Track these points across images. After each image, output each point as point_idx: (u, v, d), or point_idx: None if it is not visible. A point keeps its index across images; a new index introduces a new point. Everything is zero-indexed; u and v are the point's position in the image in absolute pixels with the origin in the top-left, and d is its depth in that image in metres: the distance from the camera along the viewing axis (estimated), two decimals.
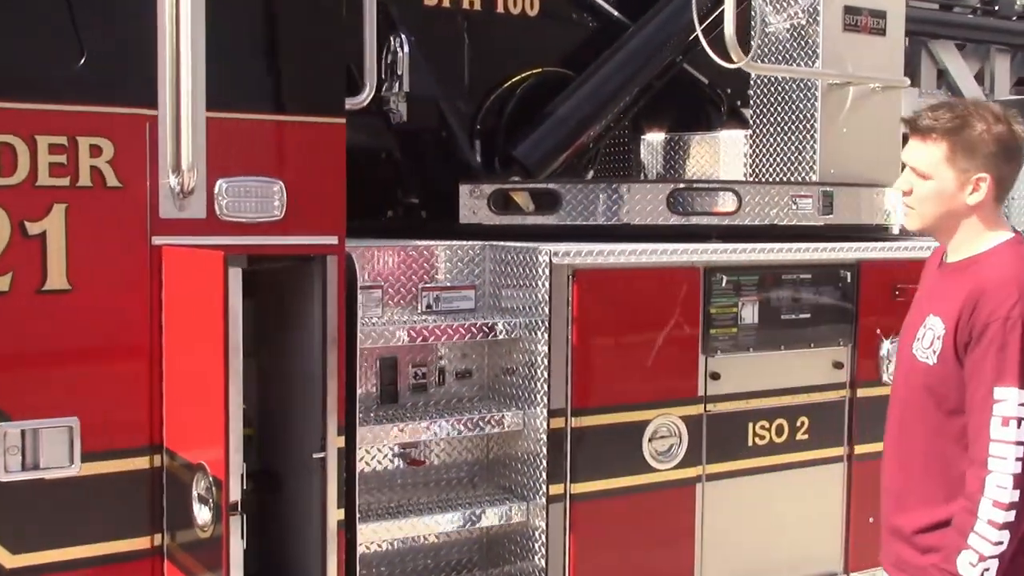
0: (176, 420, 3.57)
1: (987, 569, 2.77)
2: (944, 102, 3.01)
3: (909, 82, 5.44)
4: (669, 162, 5.99)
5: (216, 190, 3.67)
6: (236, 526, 3.28)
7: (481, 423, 4.41)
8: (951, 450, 2.92)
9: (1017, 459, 2.75)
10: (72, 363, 3.48)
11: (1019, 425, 2.75)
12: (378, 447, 4.47)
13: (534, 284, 4.37)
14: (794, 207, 5.05)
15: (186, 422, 3.52)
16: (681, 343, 4.61)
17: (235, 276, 3.27)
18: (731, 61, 4.74)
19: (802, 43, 5.29)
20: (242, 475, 3.33)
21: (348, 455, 4.05)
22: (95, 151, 3.46)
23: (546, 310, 4.31)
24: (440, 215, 5.11)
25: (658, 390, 4.56)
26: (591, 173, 5.71)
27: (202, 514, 3.39)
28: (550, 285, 4.30)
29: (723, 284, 4.70)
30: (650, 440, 4.54)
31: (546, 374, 4.33)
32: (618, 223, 4.85)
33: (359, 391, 4.39)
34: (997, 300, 2.81)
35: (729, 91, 6.12)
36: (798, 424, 4.96)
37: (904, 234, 5.76)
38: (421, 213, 5.58)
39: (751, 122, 5.62)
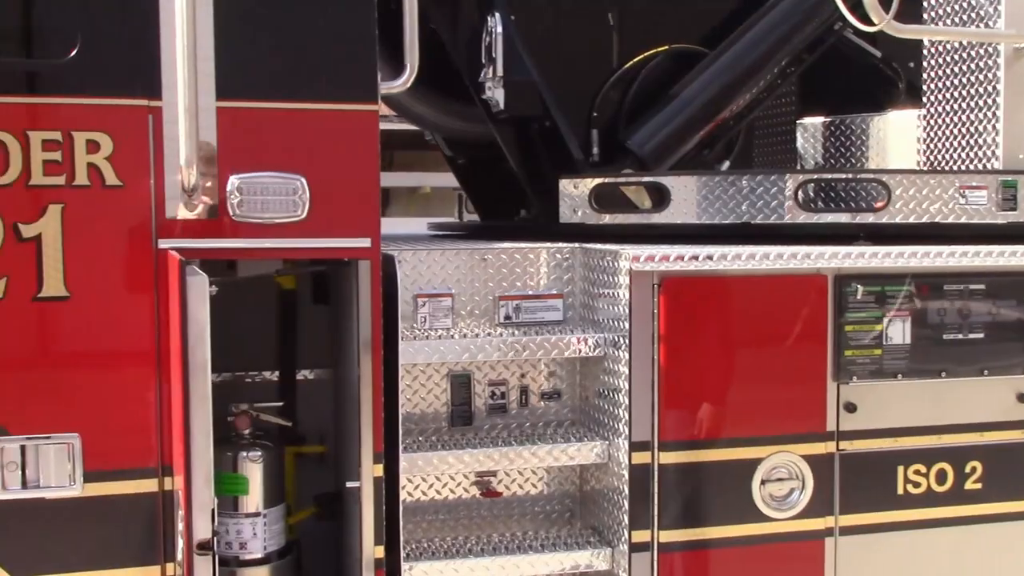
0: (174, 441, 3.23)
1: None
2: None
3: None
4: (829, 149, 5.13)
5: (228, 188, 3.30)
6: (203, 569, 2.89)
7: (558, 454, 3.82)
8: None
9: None
10: (72, 375, 3.21)
11: None
12: (450, 475, 4.00)
13: (615, 294, 3.73)
14: (962, 201, 4.09)
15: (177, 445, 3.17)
16: (803, 367, 3.81)
17: (197, 285, 2.88)
18: (871, 23, 3.88)
19: (977, 2, 4.31)
20: (213, 510, 2.93)
21: (390, 484, 3.60)
22: (92, 147, 3.18)
23: (626, 325, 3.66)
24: (546, 214, 4.56)
25: (772, 423, 3.78)
26: (726, 165, 4.95)
27: (179, 549, 3.03)
28: (630, 295, 3.65)
29: (859, 295, 3.85)
30: (763, 483, 3.77)
31: (626, 400, 3.68)
32: (735, 222, 4.10)
33: (427, 411, 3.98)
34: None
35: (911, 64, 5.14)
36: (968, 470, 4.01)
37: None
38: (522, 212, 5.08)
39: (925, 100, 4.66)
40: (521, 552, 3.79)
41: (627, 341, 3.65)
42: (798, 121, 5.28)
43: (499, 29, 4.49)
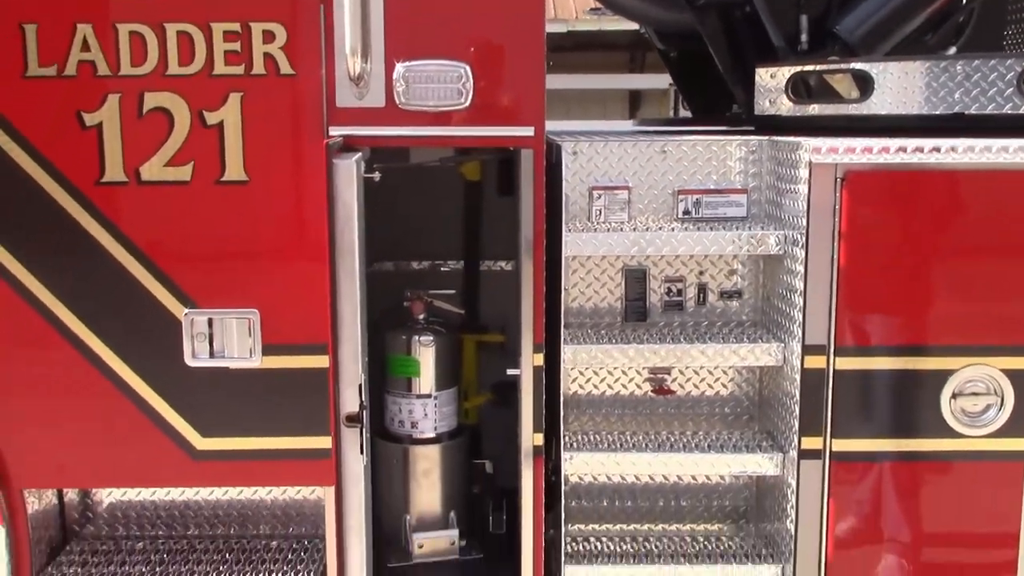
0: None
1: None
2: None
3: None
4: None
5: (395, 75, 3.37)
6: (351, 440, 3.05)
7: (729, 354, 3.69)
8: None
9: None
10: (251, 256, 3.44)
11: None
12: (622, 370, 3.98)
13: (796, 189, 3.51)
14: None
15: None
16: (1009, 272, 3.44)
17: (346, 169, 2.96)
18: None
19: None
20: (360, 385, 3.06)
21: (551, 375, 3.62)
22: (268, 37, 3.33)
23: (805, 221, 3.44)
24: (747, 107, 4.34)
25: (968, 332, 3.45)
26: (952, 50, 4.46)
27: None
28: (809, 190, 3.42)
29: None
30: (954, 396, 3.47)
31: (801, 301, 3.48)
32: (946, 112, 3.71)
33: (600, 305, 3.96)
34: None
35: None
36: None
37: None
38: (734, 107, 4.84)
39: None
40: (686, 451, 3.72)
41: (804, 239, 3.44)
42: None
43: None
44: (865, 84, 3.84)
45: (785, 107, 4.05)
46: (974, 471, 3.51)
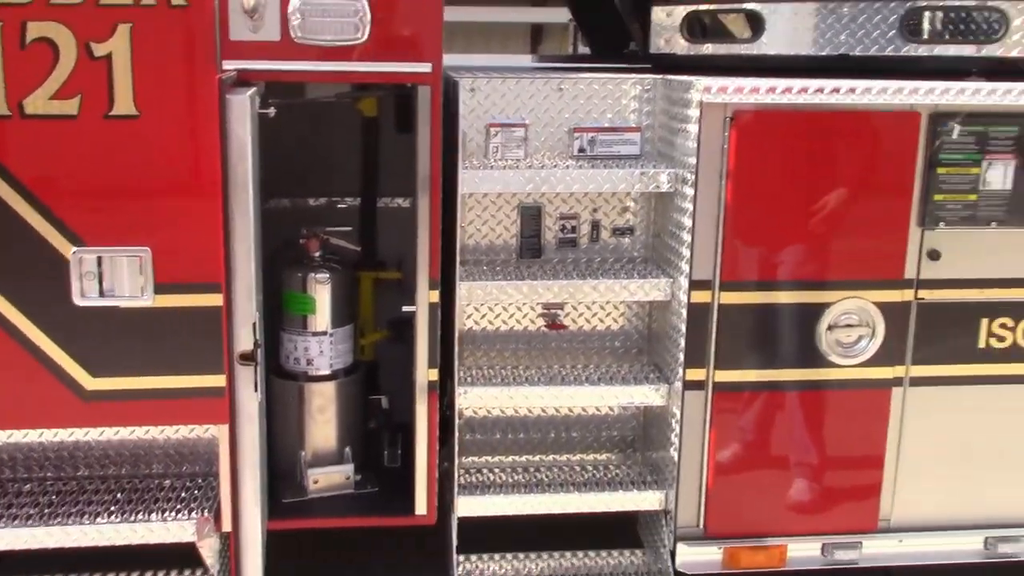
0: None
1: None
2: None
3: None
4: None
5: (290, 9, 3.32)
6: (246, 379, 3.06)
7: (619, 290, 3.80)
8: None
9: None
10: (142, 193, 3.38)
11: None
12: (516, 306, 4.05)
13: (687, 128, 3.60)
14: None
15: None
16: (884, 211, 3.60)
17: (239, 104, 2.93)
18: None
19: None
20: (254, 323, 3.07)
21: (446, 311, 3.68)
22: None
23: (694, 160, 3.54)
24: (643, 45, 4.39)
25: (844, 268, 3.62)
26: None
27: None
28: (699, 129, 3.51)
29: (954, 136, 3.57)
30: (830, 328, 3.65)
31: (689, 237, 3.59)
32: (832, 54, 3.84)
33: (496, 242, 4.01)
34: None
35: None
36: None
37: None
38: (631, 45, 4.89)
39: None
40: (576, 384, 3.84)
41: (694, 177, 3.54)
42: None
43: None
44: (757, 24, 3.94)
45: (680, 46, 4.13)
46: (847, 399, 3.72)
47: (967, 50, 3.75)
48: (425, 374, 3.66)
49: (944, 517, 3.86)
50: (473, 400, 3.79)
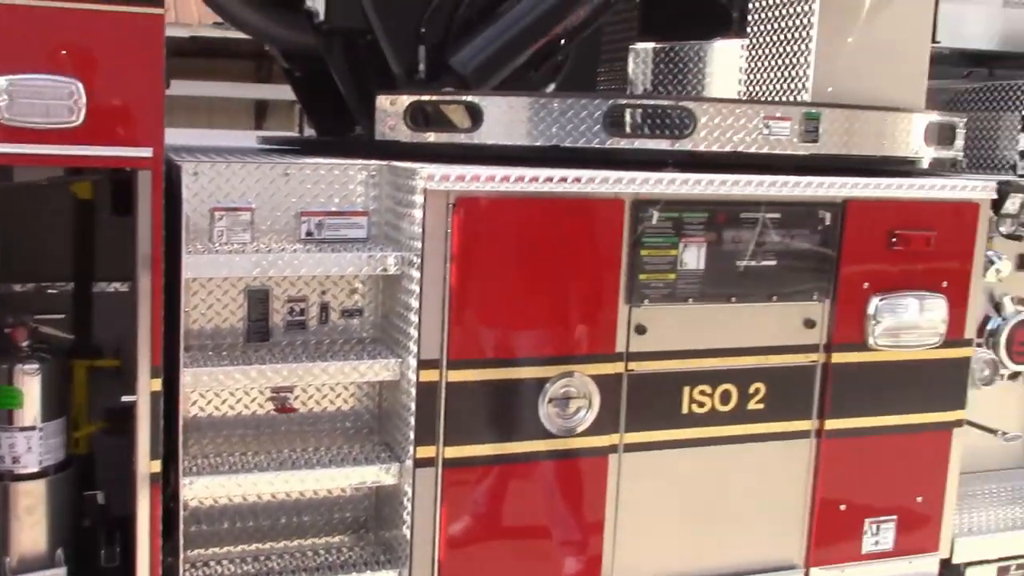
0: None
1: None
2: None
3: None
4: (658, 75, 5.15)
5: None
6: None
7: (350, 371, 3.83)
8: None
9: None
10: None
11: None
12: (244, 391, 3.98)
13: (412, 213, 3.73)
14: (766, 132, 4.16)
15: None
16: (596, 290, 3.88)
17: None
18: None
19: None
20: None
21: (169, 399, 3.57)
22: None
23: (419, 244, 3.67)
24: (369, 131, 4.49)
25: (562, 344, 3.85)
26: (552, 88, 4.94)
27: None
28: (424, 214, 3.65)
29: (655, 221, 3.91)
30: (550, 401, 3.85)
31: (417, 318, 3.70)
32: (545, 144, 4.10)
33: (223, 326, 3.94)
34: None
35: None
36: (752, 391, 4.16)
37: (941, 170, 4.79)
38: (357, 129, 5.01)
39: (749, 31, 4.71)
40: (308, 467, 3.82)
41: (420, 260, 3.66)
42: (630, 47, 5.28)
43: None
44: (476, 115, 4.15)
45: (404, 134, 4.27)
46: (569, 468, 3.92)
47: (663, 144, 4.12)
48: (147, 465, 3.51)
49: (664, 574, 4.12)
50: (199, 490, 3.67)
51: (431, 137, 4.26)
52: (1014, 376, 5.11)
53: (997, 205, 4.53)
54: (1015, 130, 5.21)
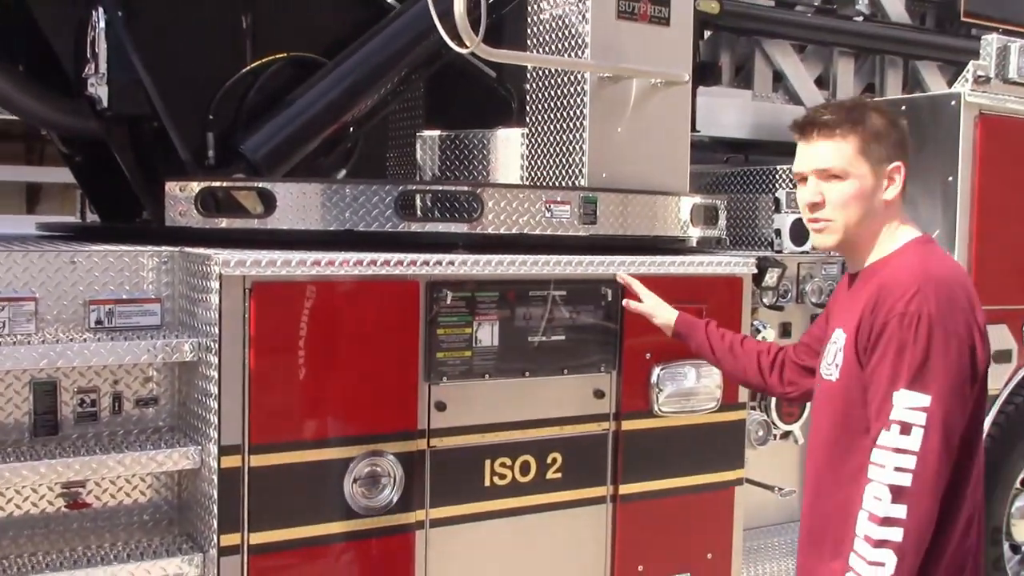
0: None
1: None
2: (829, 102, 3.03)
3: (687, 77, 4.84)
4: (445, 161, 5.38)
5: None
6: None
7: (147, 461, 3.74)
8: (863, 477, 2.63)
9: (896, 468, 2.53)
10: None
11: (902, 431, 2.52)
12: (32, 488, 3.81)
13: (208, 298, 3.73)
14: (548, 215, 4.44)
15: None
16: (394, 369, 3.97)
17: None
18: (464, 46, 4.13)
19: (570, 31, 4.71)
20: None
21: None
22: None
23: (217, 329, 3.67)
24: (158, 217, 4.45)
25: (364, 423, 3.91)
26: (343, 173, 5.08)
27: None
28: (220, 300, 3.66)
29: (449, 300, 4.08)
30: (355, 481, 3.89)
31: (216, 404, 3.68)
32: (339, 229, 4.21)
33: (6, 421, 3.79)
34: (895, 296, 2.61)
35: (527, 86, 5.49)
36: (550, 461, 4.35)
37: (707, 248, 5.22)
38: (144, 214, 4.95)
39: (528, 120, 5.01)
40: (104, 563, 3.68)
41: (218, 345, 3.65)
42: (418, 134, 5.49)
43: (102, 24, 4.36)
44: (269, 201, 4.22)
45: (195, 219, 4.27)
46: (377, 546, 3.95)
47: (454, 227, 4.31)
48: None
49: None
50: None
51: (223, 223, 4.28)
52: (785, 435, 5.55)
53: (758, 279, 4.98)
54: (770, 210, 5.74)
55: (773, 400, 5.44)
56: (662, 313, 4.01)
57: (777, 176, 5.90)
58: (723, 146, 6.69)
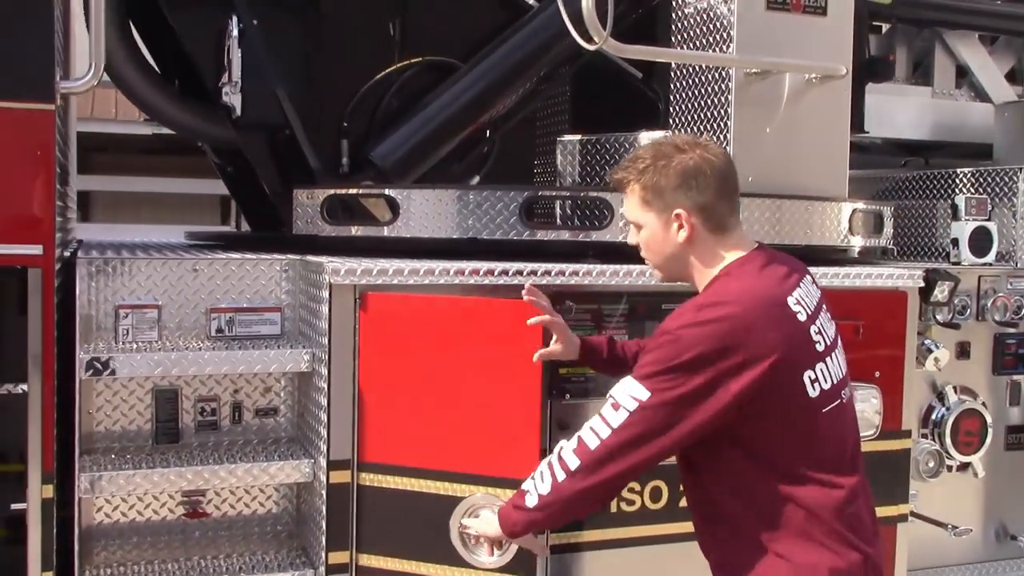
0: None
1: (516, 523, 2.87)
2: (637, 151, 2.94)
3: (845, 71, 4.42)
4: (584, 167, 5.13)
5: None
6: None
7: (259, 473, 3.68)
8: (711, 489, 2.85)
9: (596, 434, 2.70)
10: None
11: (616, 408, 2.68)
12: (153, 495, 3.82)
13: (320, 308, 3.63)
14: None
15: None
16: (516, 397, 3.54)
17: None
18: (592, 41, 3.87)
19: (715, 25, 4.38)
20: None
21: (64, 507, 3.41)
22: None
23: (327, 340, 3.56)
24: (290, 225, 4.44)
25: (477, 459, 3.48)
26: (476, 180, 4.92)
27: None
28: (329, 310, 3.55)
29: (573, 313, 3.82)
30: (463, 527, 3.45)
31: (326, 417, 3.57)
32: (462, 237, 4.04)
33: (129, 428, 3.81)
34: (671, 319, 2.74)
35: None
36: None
37: (872, 259, 4.77)
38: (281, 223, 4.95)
39: (671, 121, 4.71)
40: (216, 575, 3.64)
41: (327, 356, 3.55)
42: (558, 139, 5.28)
43: (235, 32, 4.38)
44: (394, 208, 4.10)
45: (322, 227, 4.21)
46: None
47: (581, 235, 4.06)
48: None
49: None
50: None
51: (350, 231, 4.20)
52: (963, 467, 4.98)
53: (926, 293, 4.48)
54: (947, 217, 5.20)
55: (948, 429, 4.89)
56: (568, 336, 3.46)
57: (956, 180, 5.35)
58: (899, 148, 6.15)
